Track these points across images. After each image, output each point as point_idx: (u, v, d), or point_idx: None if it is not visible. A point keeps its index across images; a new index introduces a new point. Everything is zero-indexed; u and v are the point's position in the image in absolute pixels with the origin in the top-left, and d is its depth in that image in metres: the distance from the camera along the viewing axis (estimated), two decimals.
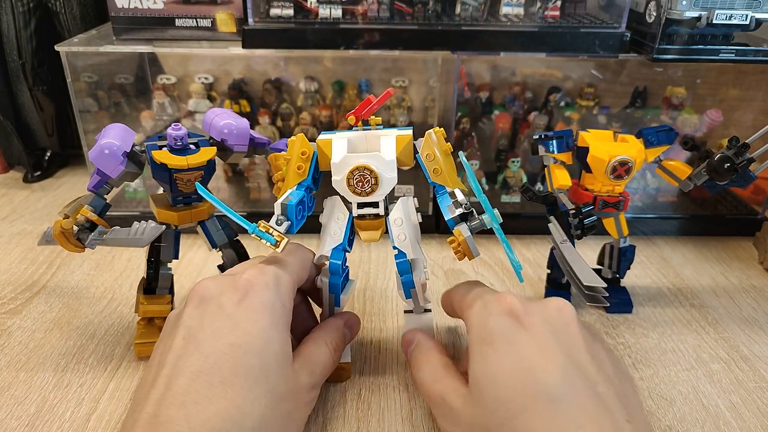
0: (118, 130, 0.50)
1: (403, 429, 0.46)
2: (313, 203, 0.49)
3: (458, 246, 0.45)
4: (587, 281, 0.51)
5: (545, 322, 0.40)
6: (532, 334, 0.39)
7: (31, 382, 0.50)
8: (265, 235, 0.44)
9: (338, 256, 0.48)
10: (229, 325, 0.40)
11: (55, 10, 0.83)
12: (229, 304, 0.41)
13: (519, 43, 0.69)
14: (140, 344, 0.53)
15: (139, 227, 0.48)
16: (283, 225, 0.45)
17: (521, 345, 0.38)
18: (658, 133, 0.57)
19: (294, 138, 0.48)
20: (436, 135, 0.47)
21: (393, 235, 0.49)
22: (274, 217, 0.45)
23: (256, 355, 0.39)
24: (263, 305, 0.41)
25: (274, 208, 0.46)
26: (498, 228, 0.44)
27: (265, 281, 0.42)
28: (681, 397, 0.50)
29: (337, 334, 0.49)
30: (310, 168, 0.47)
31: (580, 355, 0.38)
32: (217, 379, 0.37)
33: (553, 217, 0.57)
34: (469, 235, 0.45)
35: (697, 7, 0.63)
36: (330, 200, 0.50)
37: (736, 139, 0.53)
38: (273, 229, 0.45)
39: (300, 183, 0.47)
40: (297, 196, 0.46)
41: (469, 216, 0.46)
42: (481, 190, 0.44)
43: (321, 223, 0.50)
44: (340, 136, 0.47)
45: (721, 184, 0.55)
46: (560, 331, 0.40)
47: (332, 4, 0.69)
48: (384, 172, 0.46)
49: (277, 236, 0.44)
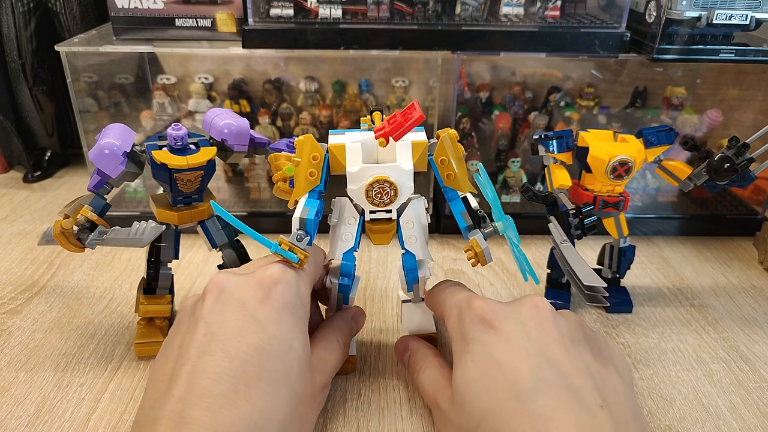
0: (118, 130, 0.50)
1: (403, 428, 0.46)
2: (322, 206, 0.47)
3: (474, 255, 0.46)
4: (587, 281, 0.51)
5: (517, 323, 0.41)
6: (503, 336, 0.40)
7: (31, 382, 0.50)
8: (288, 254, 0.43)
9: (350, 259, 0.48)
10: (253, 326, 0.39)
11: (55, 10, 0.83)
12: (252, 302, 0.40)
13: (519, 43, 0.69)
14: (140, 344, 0.53)
15: (140, 227, 0.48)
16: (304, 241, 0.44)
17: (493, 347, 0.40)
18: (658, 133, 0.56)
19: (302, 138, 0.46)
20: (450, 139, 0.46)
21: (404, 237, 0.49)
22: (293, 233, 0.44)
23: (280, 359, 0.39)
24: (285, 306, 0.41)
25: (293, 222, 0.45)
26: (511, 237, 0.45)
27: (287, 280, 0.42)
28: (681, 397, 0.50)
29: (346, 328, 0.49)
30: (322, 173, 0.46)
31: (554, 349, 0.39)
32: (242, 382, 0.36)
33: (553, 217, 0.57)
34: (486, 245, 0.46)
35: (697, 7, 0.63)
36: (338, 201, 0.49)
37: (736, 139, 0.53)
38: (295, 246, 0.44)
39: (312, 190, 0.46)
40: (313, 207, 0.45)
41: (482, 222, 0.47)
42: (497, 198, 0.45)
43: (329, 225, 0.49)
44: (352, 139, 0.46)
45: (721, 184, 0.55)
46: (533, 329, 0.41)
47: (332, 4, 0.69)
48: (403, 182, 0.45)
49: (300, 254, 0.43)
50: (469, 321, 0.42)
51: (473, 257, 0.46)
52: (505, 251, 0.73)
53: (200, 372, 0.36)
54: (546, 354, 0.39)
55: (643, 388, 0.51)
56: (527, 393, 0.36)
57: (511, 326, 0.41)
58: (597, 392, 0.37)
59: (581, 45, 0.69)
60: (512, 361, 0.38)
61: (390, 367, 0.53)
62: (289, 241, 0.44)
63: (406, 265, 0.50)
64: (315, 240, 0.46)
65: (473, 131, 0.81)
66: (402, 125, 0.42)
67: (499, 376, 0.38)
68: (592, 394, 0.37)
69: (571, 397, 0.36)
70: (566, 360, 0.39)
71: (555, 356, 0.39)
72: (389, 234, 0.49)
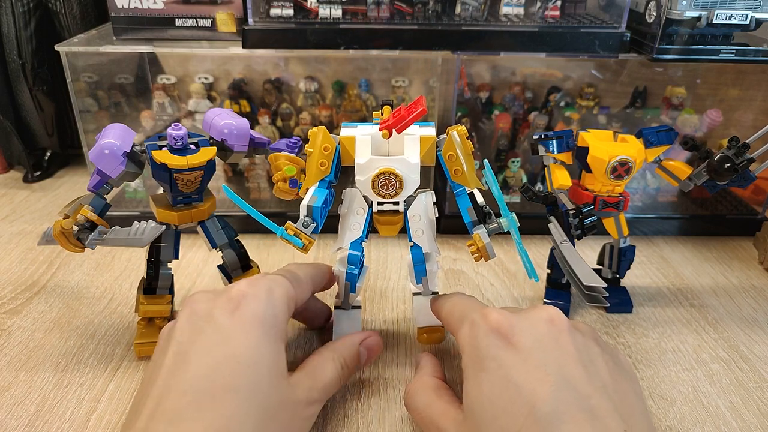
0: (118, 130, 0.50)
1: (403, 429, 0.46)
2: (332, 196, 0.49)
3: (477, 250, 0.47)
4: (587, 281, 0.51)
5: (534, 339, 0.39)
6: (521, 354, 0.38)
7: (31, 382, 0.50)
8: (293, 239, 0.45)
9: (357, 248, 0.50)
10: (220, 338, 0.39)
11: (55, 10, 0.83)
12: (222, 316, 0.40)
13: (519, 43, 0.69)
14: (140, 344, 0.53)
15: (139, 227, 0.48)
16: (310, 227, 0.46)
17: (511, 367, 0.38)
18: (658, 133, 0.56)
19: (316, 130, 0.47)
20: (459, 135, 0.47)
21: (411, 230, 0.50)
22: (300, 220, 0.46)
23: (249, 368, 0.38)
24: (255, 316, 0.41)
25: (300, 209, 0.46)
26: (516, 232, 0.45)
27: (255, 292, 0.42)
28: (681, 397, 0.50)
29: (349, 351, 0.48)
30: (332, 164, 0.47)
31: (572, 369, 0.38)
32: (207, 395, 0.37)
33: (553, 217, 0.57)
34: (488, 242, 0.46)
35: (697, 7, 0.63)
36: (350, 192, 0.50)
37: (736, 139, 0.53)
38: (301, 231, 0.45)
39: (322, 179, 0.47)
40: (321, 195, 0.46)
41: (487, 218, 0.47)
42: (501, 196, 0.45)
43: (339, 214, 0.50)
44: (363, 132, 0.47)
45: (721, 184, 0.55)
46: (550, 345, 0.39)
47: (332, 4, 0.69)
48: (409, 175, 0.46)
49: (305, 239, 0.45)
50: (484, 333, 0.40)
51: (476, 252, 0.47)
52: (505, 251, 0.73)
53: (167, 390, 0.37)
54: (564, 374, 0.37)
55: (643, 388, 0.51)
56: (547, 418, 0.35)
57: (528, 342, 0.39)
58: (617, 414, 0.36)
59: (581, 45, 0.69)
60: (530, 382, 0.37)
61: (390, 367, 0.53)
62: (296, 227, 0.45)
63: (414, 258, 0.51)
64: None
65: (473, 131, 0.81)
66: (405, 118, 0.44)
67: (517, 398, 0.36)
68: (613, 417, 0.36)
69: (592, 421, 0.35)
70: (585, 380, 0.37)
71: (573, 376, 0.37)
72: (396, 226, 0.50)
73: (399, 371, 0.52)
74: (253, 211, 0.45)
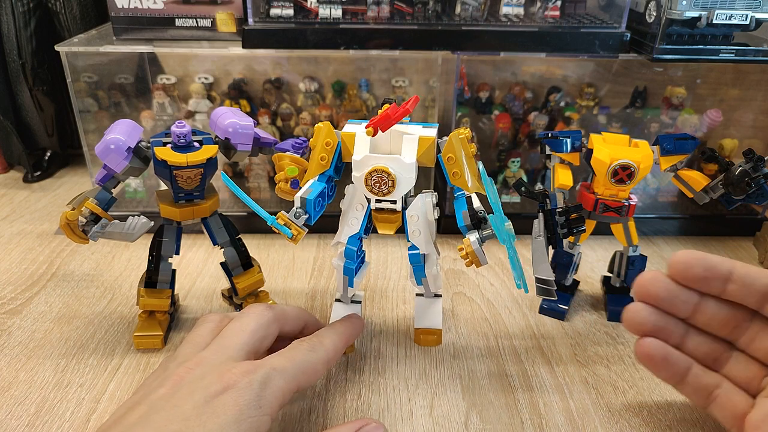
0: (125, 126, 0.51)
1: (403, 429, 0.46)
2: (333, 192, 0.50)
3: (466, 255, 0.47)
4: (539, 274, 0.51)
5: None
6: None
7: (31, 382, 0.50)
8: (283, 228, 0.45)
9: (354, 243, 0.51)
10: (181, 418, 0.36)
11: (55, 10, 0.83)
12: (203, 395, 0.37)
13: (519, 43, 0.69)
14: (139, 337, 0.54)
15: (132, 222, 0.50)
16: (301, 218, 0.46)
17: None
18: (676, 140, 0.54)
19: (321, 125, 0.48)
20: (460, 138, 0.47)
21: (408, 230, 0.50)
22: (292, 210, 0.46)
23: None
24: (236, 403, 0.37)
25: (294, 200, 0.47)
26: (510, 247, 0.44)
27: (249, 381, 0.38)
28: (681, 398, 0.50)
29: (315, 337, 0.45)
30: (332, 159, 0.48)
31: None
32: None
33: (541, 213, 0.57)
34: (477, 247, 0.46)
35: (697, 7, 0.63)
36: (351, 188, 0.51)
37: (751, 152, 0.51)
38: (292, 222, 0.45)
39: (322, 173, 0.48)
40: (317, 188, 0.47)
41: (482, 224, 0.47)
42: (499, 205, 0.45)
43: (341, 208, 0.51)
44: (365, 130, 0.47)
45: (738, 199, 0.52)
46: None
47: (332, 4, 0.69)
48: (402, 174, 0.47)
49: (294, 230, 0.45)
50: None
51: (465, 257, 0.47)
52: (505, 251, 0.72)
53: None
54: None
55: (643, 389, 0.51)
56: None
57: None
58: None
59: (581, 45, 0.69)
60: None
61: (390, 367, 0.53)
62: (288, 217, 0.46)
63: (411, 259, 0.51)
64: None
65: (473, 131, 0.81)
66: (388, 117, 0.44)
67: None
68: None
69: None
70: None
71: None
72: (393, 224, 0.50)
73: (398, 371, 0.52)
74: (246, 198, 0.45)
